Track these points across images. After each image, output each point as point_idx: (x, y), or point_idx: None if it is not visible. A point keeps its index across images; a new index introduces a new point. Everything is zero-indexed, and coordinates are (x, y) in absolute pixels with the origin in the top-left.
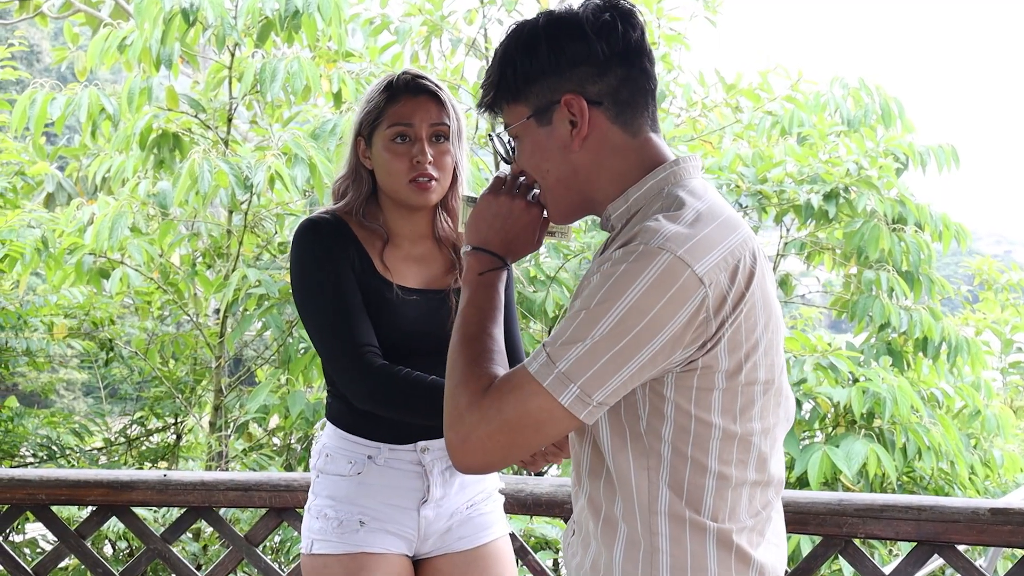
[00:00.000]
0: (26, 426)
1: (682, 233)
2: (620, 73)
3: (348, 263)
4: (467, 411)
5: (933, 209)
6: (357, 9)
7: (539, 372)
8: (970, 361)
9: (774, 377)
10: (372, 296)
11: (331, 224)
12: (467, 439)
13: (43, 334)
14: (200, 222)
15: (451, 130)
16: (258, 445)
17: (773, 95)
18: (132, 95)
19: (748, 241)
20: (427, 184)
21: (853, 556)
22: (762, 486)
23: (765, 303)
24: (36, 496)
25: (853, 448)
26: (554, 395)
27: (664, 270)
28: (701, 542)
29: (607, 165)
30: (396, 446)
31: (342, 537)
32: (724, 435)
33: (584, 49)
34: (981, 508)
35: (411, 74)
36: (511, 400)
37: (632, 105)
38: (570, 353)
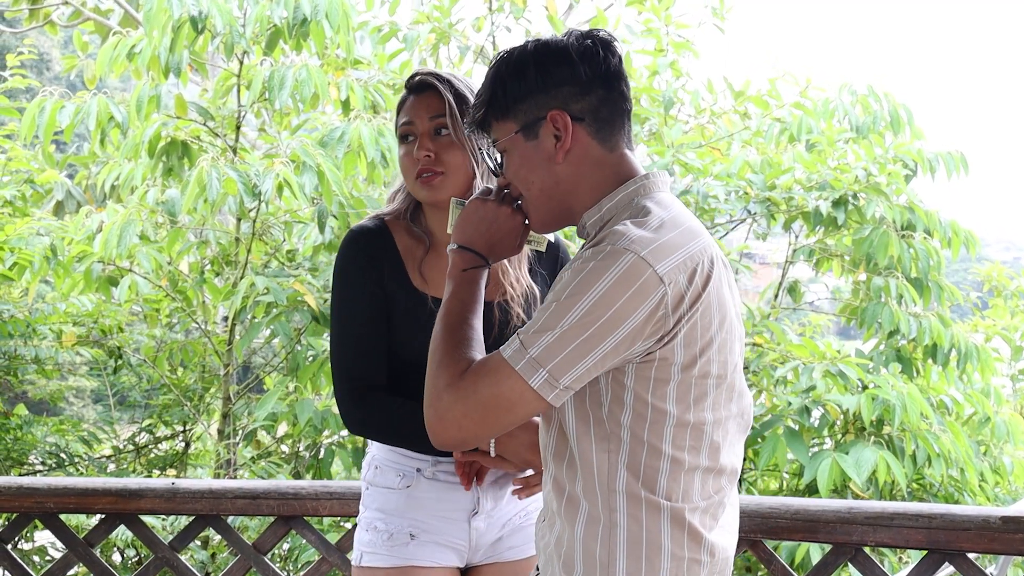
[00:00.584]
0: (35, 434)
1: (646, 237)
2: (601, 94)
3: (379, 281)
4: (445, 391)
5: (942, 215)
6: (366, 17)
7: (512, 357)
8: (980, 368)
9: (727, 373)
10: (405, 312)
11: (373, 235)
12: (443, 417)
13: (52, 342)
14: (208, 230)
15: (456, 121)
16: (266, 453)
17: (782, 102)
18: (141, 103)
19: (707, 248)
20: (430, 179)
21: (863, 564)
22: (714, 473)
23: (720, 305)
24: (44, 504)
25: (862, 455)
26: (525, 378)
27: (628, 268)
28: (656, 519)
29: (586, 177)
30: (443, 458)
31: (392, 550)
32: (678, 422)
33: (569, 71)
34: (992, 516)
35: (419, 73)
36: (486, 382)
37: (610, 123)
38: (541, 340)
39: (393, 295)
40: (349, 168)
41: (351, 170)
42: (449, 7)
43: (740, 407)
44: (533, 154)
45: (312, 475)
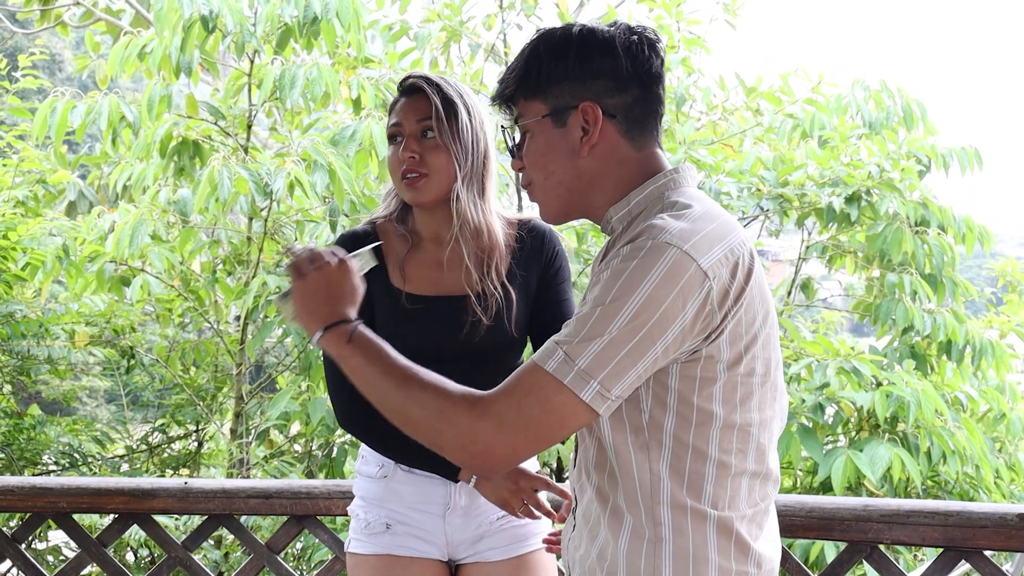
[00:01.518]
0: (48, 434)
1: (686, 229)
2: (637, 93)
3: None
4: (478, 424)
5: (956, 211)
6: (376, 15)
7: (558, 370)
8: (994, 364)
9: (770, 371)
10: (382, 308)
11: (359, 238)
12: (490, 448)
13: (64, 342)
14: (220, 229)
15: (441, 124)
16: (279, 452)
17: (794, 98)
18: (152, 103)
19: (746, 241)
20: (414, 180)
21: (879, 562)
22: (761, 478)
23: (763, 299)
24: (57, 504)
25: (877, 453)
26: (575, 392)
27: (672, 264)
28: (702, 530)
29: (610, 173)
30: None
31: (369, 538)
32: (724, 424)
33: (610, 64)
34: (1009, 513)
35: (411, 76)
36: (531, 400)
37: (642, 124)
38: (588, 350)
39: (374, 295)
40: (360, 167)
41: (362, 169)
42: (460, 5)
43: (782, 407)
44: (558, 142)
45: (325, 474)
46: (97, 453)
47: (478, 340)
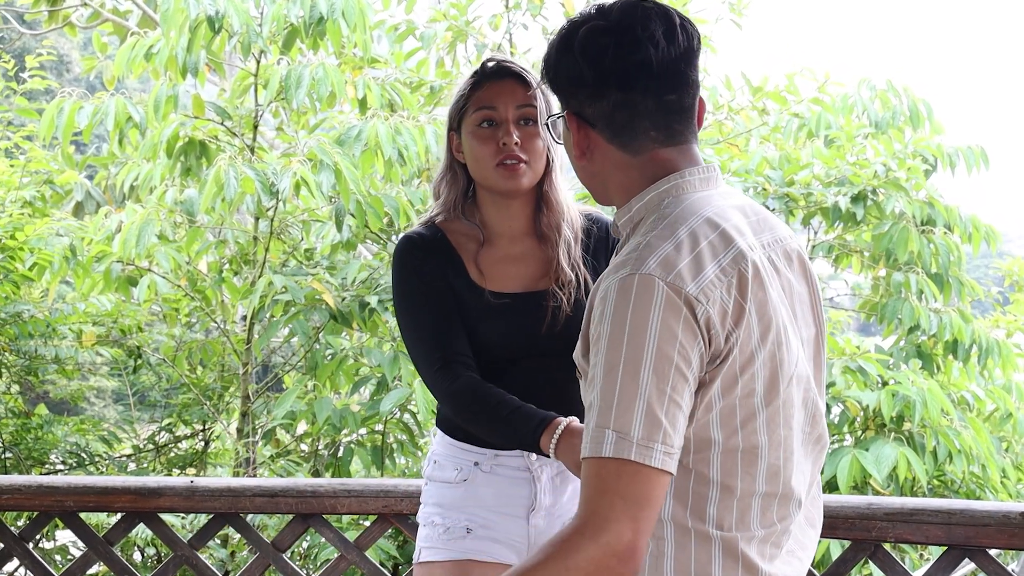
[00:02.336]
0: (55, 433)
1: (669, 256)
2: (616, 97)
3: (441, 276)
4: (601, 539)
5: (963, 210)
6: (383, 16)
7: (619, 451)
8: (1001, 363)
9: (778, 388)
10: (466, 305)
11: (424, 238)
12: (630, 545)
13: (72, 342)
14: (227, 229)
15: (539, 113)
16: (285, 451)
17: (800, 97)
18: (159, 103)
19: (746, 254)
20: (515, 167)
21: (883, 561)
22: (778, 499)
23: (761, 315)
24: (64, 503)
25: (883, 452)
26: (645, 463)
27: (665, 298)
28: (706, 549)
29: (612, 177)
30: (504, 452)
31: (448, 544)
32: (725, 449)
33: (576, 70)
34: (1013, 512)
35: (496, 59)
36: (622, 486)
37: (629, 128)
38: (635, 419)
39: (459, 293)
40: (366, 166)
41: (368, 168)
42: (466, 5)
43: (806, 422)
44: (568, 144)
45: (331, 473)
46: (104, 452)
47: (559, 331)
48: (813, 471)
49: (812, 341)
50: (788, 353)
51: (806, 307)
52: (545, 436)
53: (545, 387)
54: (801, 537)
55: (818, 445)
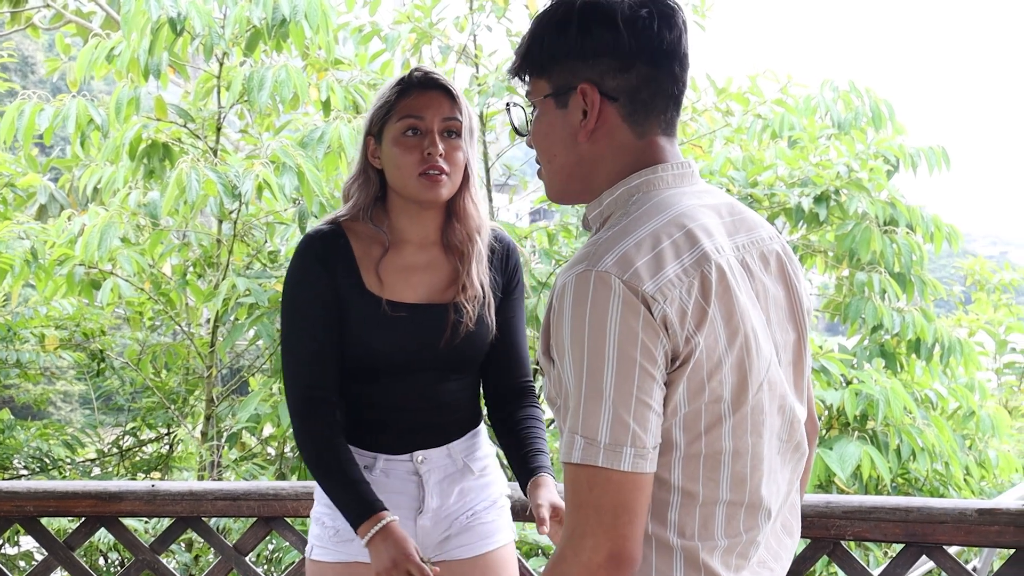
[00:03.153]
0: (18, 438)
1: (628, 253)
2: (644, 72)
3: (332, 287)
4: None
5: (925, 211)
6: (347, 18)
7: (587, 456)
8: (963, 362)
9: (747, 396)
10: (358, 315)
11: (328, 239)
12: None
13: (34, 346)
14: (191, 232)
15: (463, 127)
16: (251, 455)
17: (763, 99)
18: (120, 105)
19: (710, 256)
20: (437, 177)
21: (841, 558)
22: (744, 507)
23: (728, 319)
24: (24, 508)
25: (846, 450)
26: (615, 468)
27: (623, 295)
28: (667, 559)
29: (606, 161)
30: (393, 456)
31: (337, 546)
32: (687, 454)
33: (612, 40)
34: (968, 509)
35: (423, 70)
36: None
37: (648, 107)
38: (601, 421)
39: (347, 299)
40: (330, 168)
41: (332, 170)
42: (430, 7)
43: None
44: (560, 125)
45: (297, 477)
46: (67, 457)
47: (458, 345)
48: (791, 479)
49: (792, 346)
50: (758, 359)
51: (783, 311)
52: (364, 527)
53: (432, 399)
54: (776, 546)
55: (797, 452)
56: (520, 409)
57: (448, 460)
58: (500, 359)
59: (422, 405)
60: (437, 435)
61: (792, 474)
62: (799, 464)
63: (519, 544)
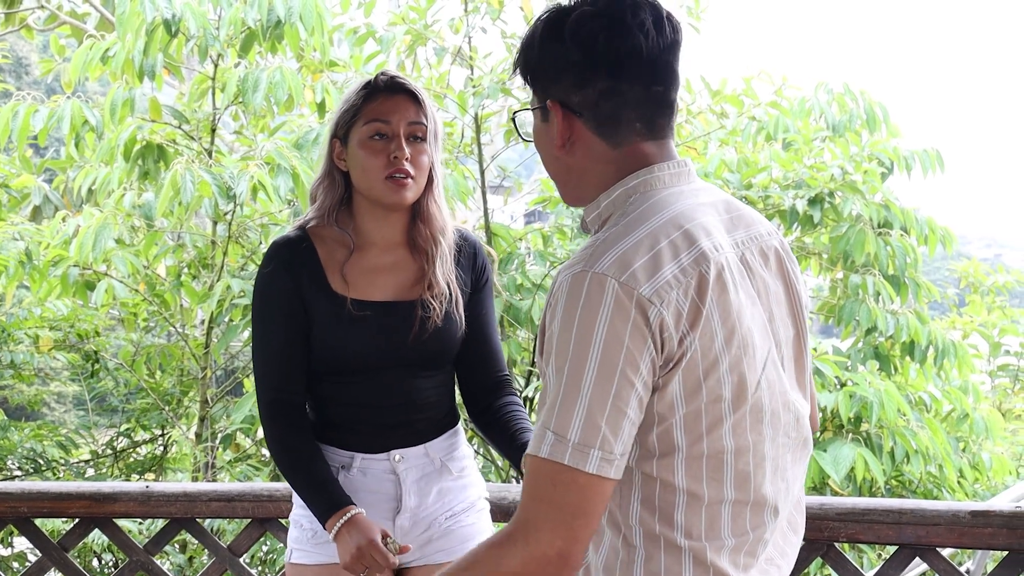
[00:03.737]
0: (11, 439)
1: (626, 254)
2: (604, 86)
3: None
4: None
5: (922, 213)
6: (342, 19)
7: (554, 453)
8: (957, 364)
9: (746, 394)
10: (325, 316)
11: (293, 245)
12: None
13: (28, 346)
14: (185, 233)
15: (428, 131)
16: (245, 456)
17: (758, 101)
18: (115, 106)
19: (708, 255)
20: (403, 181)
21: (835, 560)
22: (750, 506)
23: (725, 318)
24: (18, 509)
25: (840, 453)
26: (580, 468)
27: (616, 299)
28: (676, 558)
29: (591, 170)
30: (369, 455)
31: (316, 547)
32: (689, 455)
33: (564, 55)
34: (961, 511)
35: (389, 74)
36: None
37: (615, 118)
38: (574, 421)
39: (313, 302)
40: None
41: None
42: (425, 8)
43: (783, 427)
44: (543, 137)
45: None
46: (61, 458)
47: (426, 343)
48: (800, 475)
49: (791, 342)
50: (755, 357)
51: (783, 307)
52: (331, 521)
53: (403, 396)
54: (782, 544)
55: (805, 448)
56: (498, 399)
57: (426, 459)
58: (474, 355)
59: (394, 403)
60: (412, 434)
61: (800, 470)
62: (805, 460)
63: None
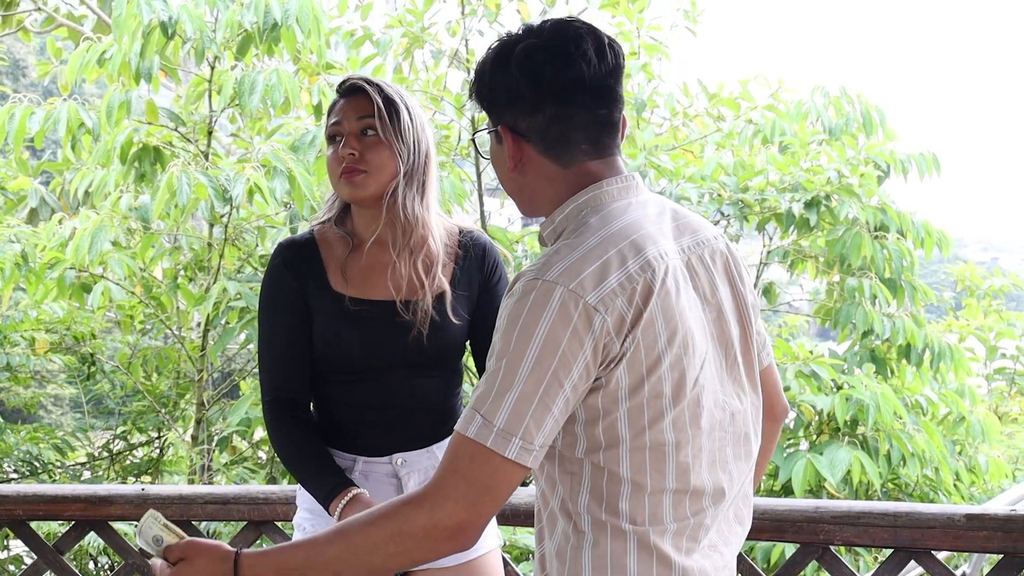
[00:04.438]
0: (7, 442)
1: (575, 264)
2: (552, 112)
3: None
4: (436, 513)
5: (919, 216)
6: (339, 22)
7: (479, 435)
8: (954, 367)
9: (685, 390)
10: (325, 314)
11: (298, 247)
12: (461, 523)
13: (24, 349)
14: (181, 235)
15: (385, 125)
16: (241, 458)
17: (754, 104)
18: (111, 109)
19: (653, 263)
20: (351, 176)
21: (830, 563)
22: (689, 494)
23: (667, 320)
24: (14, 512)
25: (837, 456)
26: (499, 452)
27: (561, 304)
28: (621, 543)
29: (542, 189)
30: (371, 459)
31: None
32: (632, 447)
33: (512, 85)
34: (956, 514)
35: (351, 78)
36: (474, 468)
37: (563, 141)
38: (502, 407)
39: (315, 301)
40: (321, 172)
41: (323, 174)
42: (422, 11)
43: (719, 423)
44: (497, 157)
45: (287, 481)
46: (57, 461)
47: (424, 344)
48: (744, 469)
49: (739, 340)
50: (694, 357)
51: (730, 307)
52: (334, 502)
53: (407, 397)
54: (727, 532)
55: (746, 445)
56: None
57: (430, 462)
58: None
59: (396, 404)
60: (415, 436)
61: (744, 464)
62: (751, 457)
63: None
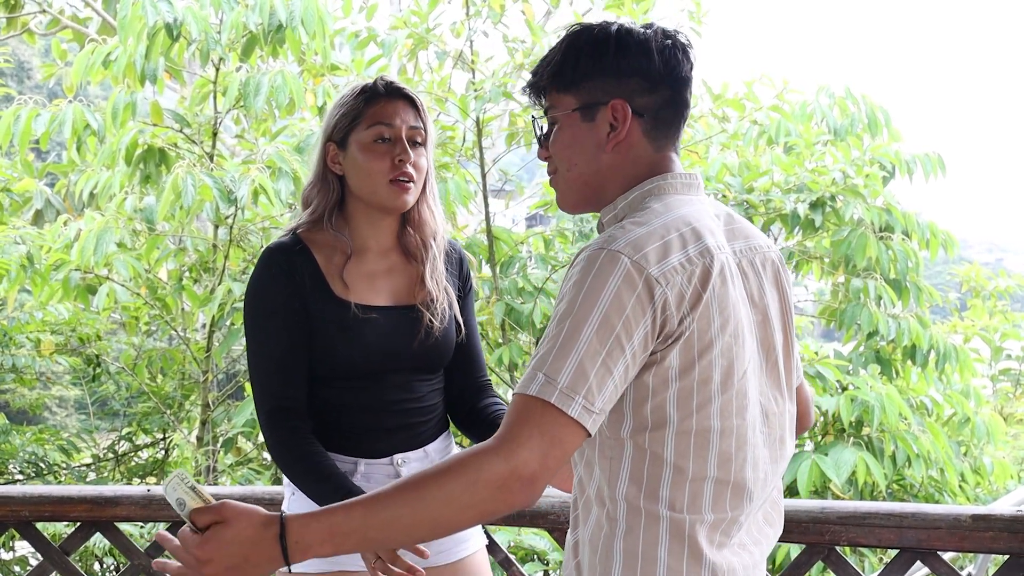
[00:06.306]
0: (13, 443)
1: (641, 238)
2: (667, 94)
3: (299, 298)
4: (513, 460)
5: (924, 217)
6: (343, 23)
7: (543, 391)
8: (959, 368)
9: (732, 379)
10: (328, 321)
11: (289, 251)
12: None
13: (30, 350)
14: (186, 237)
15: (427, 137)
16: (247, 460)
17: (759, 104)
18: (116, 110)
19: (712, 251)
20: (406, 184)
21: (836, 564)
22: (730, 487)
23: (721, 307)
24: (19, 513)
25: (842, 456)
26: (563, 410)
27: (625, 273)
28: (654, 531)
29: (624, 171)
30: (372, 460)
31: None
32: (679, 430)
33: (645, 64)
34: (962, 515)
35: (387, 79)
36: (543, 423)
37: (667, 124)
38: (566, 366)
39: (316, 306)
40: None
41: None
42: (427, 12)
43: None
44: (585, 136)
45: None
46: (63, 462)
47: (430, 346)
48: (775, 470)
49: (781, 347)
50: (744, 349)
51: (776, 314)
52: None
53: (408, 401)
54: (756, 533)
55: (781, 448)
56: (481, 400)
57: (427, 463)
58: (461, 359)
59: (398, 408)
60: (414, 438)
61: (777, 467)
62: (783, 458)
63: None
